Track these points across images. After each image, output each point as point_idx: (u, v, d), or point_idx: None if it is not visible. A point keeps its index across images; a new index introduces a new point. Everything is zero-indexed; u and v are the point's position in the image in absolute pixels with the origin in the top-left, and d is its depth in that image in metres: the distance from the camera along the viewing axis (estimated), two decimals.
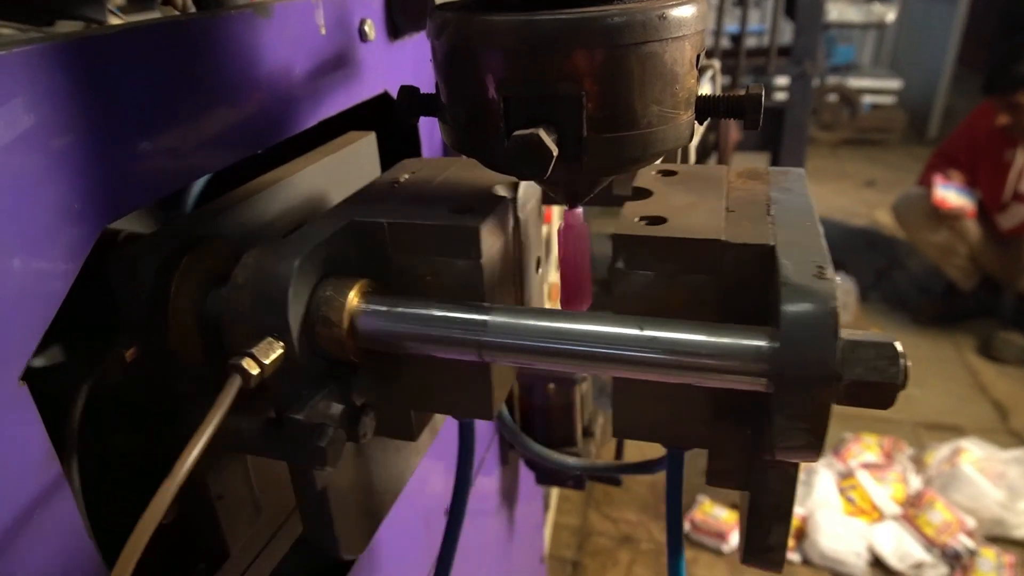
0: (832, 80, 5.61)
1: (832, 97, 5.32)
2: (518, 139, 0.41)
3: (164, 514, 0.38)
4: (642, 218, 0.50)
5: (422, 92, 0.54)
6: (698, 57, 0.48)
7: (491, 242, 0.53)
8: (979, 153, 3.33)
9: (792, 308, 0.39)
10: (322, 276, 0.49)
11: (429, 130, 0.88)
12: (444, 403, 0.58)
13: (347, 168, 0.76)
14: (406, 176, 0.62)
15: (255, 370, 0.44)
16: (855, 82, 6.02)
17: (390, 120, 0.83)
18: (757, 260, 0.45)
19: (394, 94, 0.66)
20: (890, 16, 3.06)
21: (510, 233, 0.58)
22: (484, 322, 0.47)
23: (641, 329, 0.43)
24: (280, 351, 0.46)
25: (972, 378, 3.13)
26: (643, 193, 0.55)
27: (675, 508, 0.61)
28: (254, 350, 0.45)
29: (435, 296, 0.52)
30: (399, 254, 0.53)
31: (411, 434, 0.60)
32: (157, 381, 0.54)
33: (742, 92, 0.50)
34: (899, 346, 0.40)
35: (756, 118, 0.49)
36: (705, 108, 0.50)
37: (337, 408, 0.50)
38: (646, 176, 0.59)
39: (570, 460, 0.67)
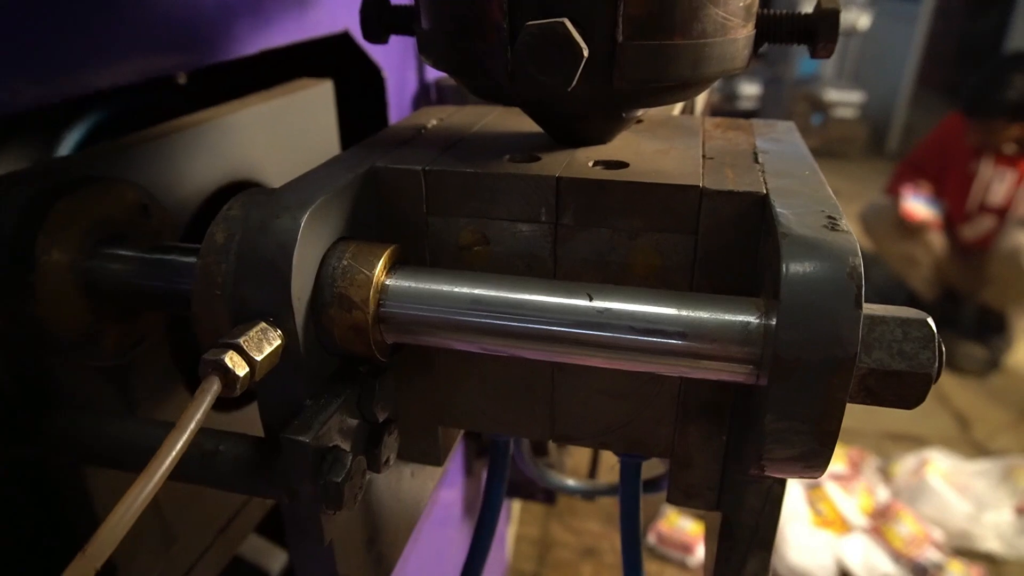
0: (802, 88, 5.65)
1: (802, 105, 5.35)
2: (535, 31, 0.29)
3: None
4: (597, 162, 0.39)
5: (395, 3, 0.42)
6: None
7: None
8: (947, 163, 3.36)
9: (797, 267, 0.28)
10: (336, 240, 0.36)
11: (399, 83, 0.75)
12: (493, 418, 0.45)
13: (295, 117, 0.62)
14: (434, 122, 0.49)
15: (242, 369, 0.30)
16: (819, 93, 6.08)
17: (352, 68, 0.70)
18: (745, 214, 0.35)
19: (357, 34, 0.53)
20: (863, 21, 3.03)
21: None
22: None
23: (590, 299, 0.33)
24: (278, 342, 0.33)
25: (933, 389, 3.11)
26: None
27: (632, 527, 0.50)
28: (240, 340, 0.31)
29: (483, 271, 0.40)
30: (437, 215, 0.39)
31: (437, 456, 0.47)
32: (18, 358, 0.40)
33: (810, 11, 0.39)
34: (932, 324, 0.30)
35: (831, 42, 0.38)
36: (767, 27, 0.38)
37: (353, 426, 0.37)
38: None
39: (570, 482, 0.55)
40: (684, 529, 2.30)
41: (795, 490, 2.40)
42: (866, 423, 2.86)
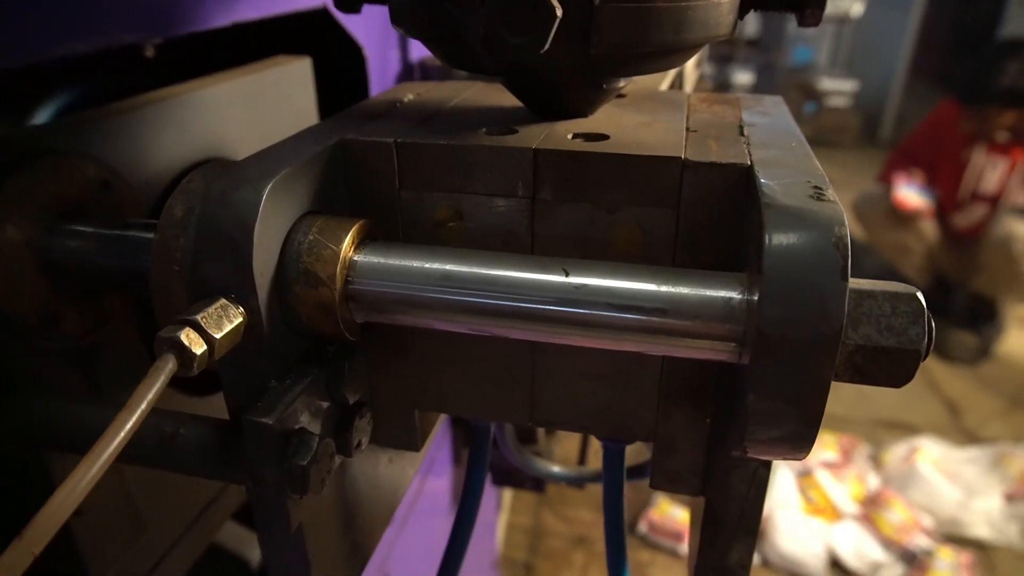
0: (795, 76, 5.63)
1: (795, 93, 5.35)
2: None
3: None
4: (576, 135, 0.38)
5: None
6: None
7: None
8: (940, 151, 3.35)
9: (781, 238, 0.27)
10: (302, 214, 0.35)
11: (381, 62, 0.73)
12: (471, 403, 0.44)
13: (271, 95, 0.60)
14: (410, 96, 0.48)
15: (199, 347, 0.29)
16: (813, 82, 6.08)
17: (331, 45, 0.68)
18: (729, 187, 0.33)
19: (335, 10, 0.51)
20: (856, 9, 3.00)
21: None
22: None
23: (566, 274, 0.32)
24: (239, 320, 0.31)
25: (924, 376, 3.14)
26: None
27: (615, 513, 0.50)
28: (198, 316, 0.30)
29: (459, 247, 0.38)
30: (410, 190, 0.38)
31: (414, 442, 0.46)
32: None
33: None
34: (922, 298, 0.29)
35: (819, 9, 0.36)
36: None
37: (322, 408, 0.36)
38: None
39: (556, 469, 0.54)
40: (675, 517, 2.30)
41: (786, 477, 2.41)
42: (857, 410, 2.87)
